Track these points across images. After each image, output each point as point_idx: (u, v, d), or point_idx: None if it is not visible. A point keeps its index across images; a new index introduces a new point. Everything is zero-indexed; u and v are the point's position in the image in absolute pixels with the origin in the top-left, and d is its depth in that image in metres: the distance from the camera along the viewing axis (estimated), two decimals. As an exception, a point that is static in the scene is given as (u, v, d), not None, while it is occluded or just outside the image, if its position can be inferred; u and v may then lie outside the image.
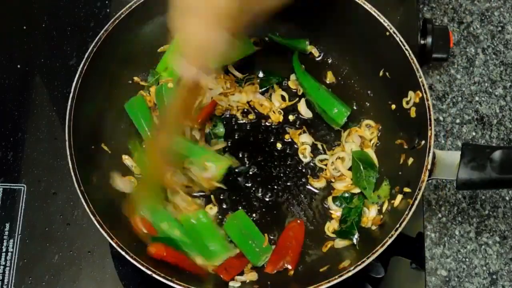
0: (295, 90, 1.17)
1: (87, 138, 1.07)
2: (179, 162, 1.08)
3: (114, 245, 0.97)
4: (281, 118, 1.15)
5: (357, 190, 1.09)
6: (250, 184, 1.11)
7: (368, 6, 1.10)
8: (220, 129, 1.14)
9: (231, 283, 1.03)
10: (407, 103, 1.07)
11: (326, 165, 1.12)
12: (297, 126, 1.15)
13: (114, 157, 1.11)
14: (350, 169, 1.11)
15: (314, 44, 1.19)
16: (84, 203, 0.99)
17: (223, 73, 1.16)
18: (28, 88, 1.21)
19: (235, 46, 0.91)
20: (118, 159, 1.11)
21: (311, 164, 1.13)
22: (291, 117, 1.16)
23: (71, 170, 1.00)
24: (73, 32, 1.26)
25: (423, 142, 1.02)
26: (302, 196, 1.11)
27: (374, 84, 1.15)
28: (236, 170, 1.12)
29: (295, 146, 1.14)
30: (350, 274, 0.96)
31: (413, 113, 1.07)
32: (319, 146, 1.14)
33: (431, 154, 1.01)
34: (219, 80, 1.15)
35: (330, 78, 1.18)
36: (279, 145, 1.14)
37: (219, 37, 0.89)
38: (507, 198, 1.17)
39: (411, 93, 1.06)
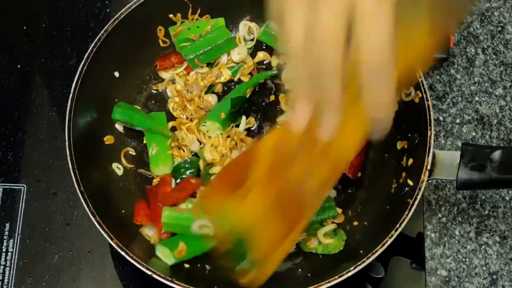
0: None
1: (87, 138, 1.07)
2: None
3: (114, 245, 0.97)
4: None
5: None
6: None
7: (368, 6, 1.10)
8: None
9: None
10: (407, 95, 1.08)
11: None
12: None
13: (114, 157, 1.11)
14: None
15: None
16: (84, 203, 0.99)
17: None
18: (28, 88, 1.21)
19: None
20: (119, 158, 1.11)
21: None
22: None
23: (71, 170, 1.01)
24: (73, 32, 1.26)
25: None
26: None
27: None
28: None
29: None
30: (350, 274, 0.96)
31: (413, 113, 1.07)
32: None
33: (431, 154, 1.01)
34: None
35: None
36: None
37: None
38: (507, 198, 1.17)
39: (411, 88, 1.07)
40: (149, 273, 0.96)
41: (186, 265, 1.04)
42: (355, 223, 1.08)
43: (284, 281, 1.04)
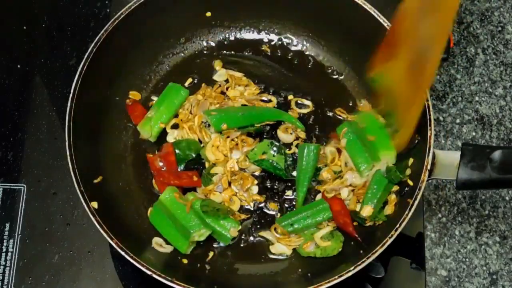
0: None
1: (87, 138, 1.07)
2: None
3: (114, 245, 0.97)
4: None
5: None
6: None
7: (368, 6, 1.10)
8: None
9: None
10: None
11: None
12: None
13: (114, 157, 1.11)
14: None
15: (314, 44, 1.19)
16: (84, 203, 0.99)
17: None
18: (28, 88, 1.21)
19: None
20: (118, 158, 1.11)
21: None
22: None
23: (71, 170, 1.01)
24: (73, 32, 1.26)
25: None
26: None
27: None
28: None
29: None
30: (350, 274, 0.96)
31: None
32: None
33: (431, 154, 1.01)
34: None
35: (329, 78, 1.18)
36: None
37: None
38: (507, 198, 1.17)
39: None
40: (149, 273, 0.96)
41: (185, 261, 1.05)
42: (355, 223, 1.08)
43: (284, 281, 1.04)
